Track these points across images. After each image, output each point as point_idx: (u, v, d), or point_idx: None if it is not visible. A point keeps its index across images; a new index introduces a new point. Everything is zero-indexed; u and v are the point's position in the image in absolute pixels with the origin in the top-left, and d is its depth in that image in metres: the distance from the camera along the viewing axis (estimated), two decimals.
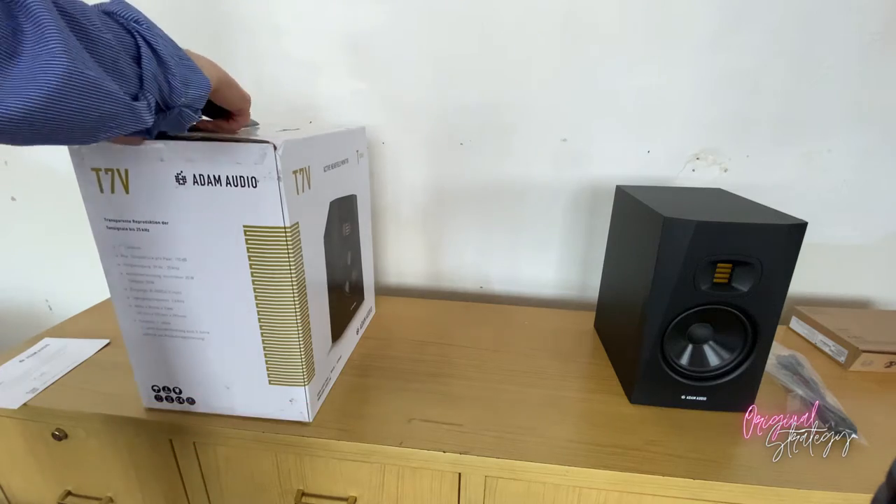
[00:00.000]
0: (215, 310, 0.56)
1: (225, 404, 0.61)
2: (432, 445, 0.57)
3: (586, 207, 0.93)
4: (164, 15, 0.88)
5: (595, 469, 0.54)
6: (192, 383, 0.61)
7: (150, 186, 0.51)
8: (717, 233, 0.55)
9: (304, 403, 0.60)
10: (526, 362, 0.75)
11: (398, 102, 0.89)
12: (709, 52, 0.79)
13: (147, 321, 0.57)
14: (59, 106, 0.29)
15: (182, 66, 0.40)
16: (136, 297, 0.56)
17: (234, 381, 0.60)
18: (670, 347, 0.62)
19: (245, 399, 0.61)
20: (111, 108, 0.33)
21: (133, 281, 0.55)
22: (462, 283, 1.03)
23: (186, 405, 0.62)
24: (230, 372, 0.59)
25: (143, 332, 0.58)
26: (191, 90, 0.40)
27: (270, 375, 0.59)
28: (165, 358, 0.59)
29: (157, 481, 0.67)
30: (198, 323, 0.57)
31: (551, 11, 0.80)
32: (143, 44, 0.36)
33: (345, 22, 0.85)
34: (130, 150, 0.50)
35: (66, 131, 0.31)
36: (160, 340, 0.58)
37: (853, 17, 0.75)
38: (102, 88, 0.32)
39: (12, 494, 0.74)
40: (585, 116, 0.86)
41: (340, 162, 0.67)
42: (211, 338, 0.58)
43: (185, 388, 0.61)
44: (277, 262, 0.53)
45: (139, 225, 0.53)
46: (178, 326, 0.57)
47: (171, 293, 0.56)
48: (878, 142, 0.82)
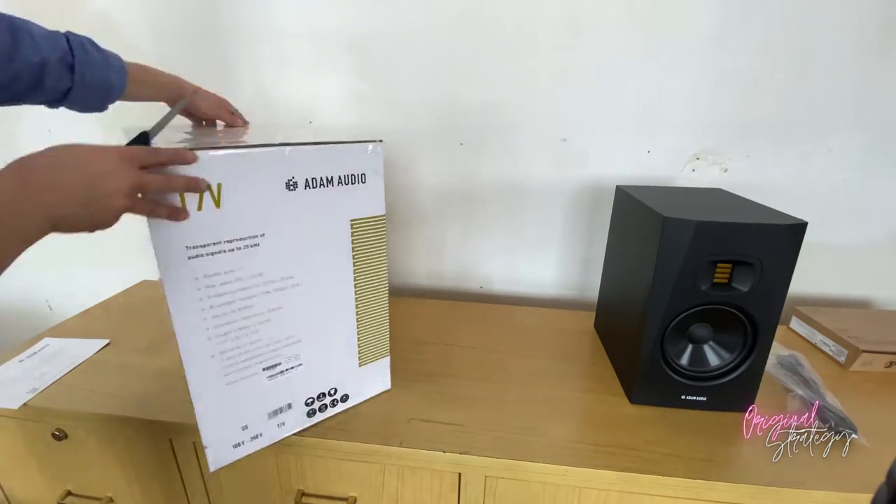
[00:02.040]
0: (316, 313, 0.56)
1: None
2: (432, 445, 0.57)
3: (586, 207, 0.93)
4: (164, 15, 0.88)
5: (595, 469, 0.54)
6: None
7: (250, 197, 0.47)
8: (717, 233, 0.55)
9: (389, 370, 0.66)
10: (526, 362, 0.75)
11: (398, 102, 0.89)
12: (709, 52, 0.79)
13: (233, 361, 0.51)
14: None
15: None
16: (220, 335, 0.49)
17: (328, 381, 0.61)
18: (670, 347, 0.62)
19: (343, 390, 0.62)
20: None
21: (217, 316, 0.48)
22: (462, 283, 1.03)
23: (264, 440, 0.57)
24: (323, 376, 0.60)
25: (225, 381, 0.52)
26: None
27: (361, 357, 0.62)
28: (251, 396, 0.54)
29: (156, 481, 0.67)
30: (294, 331, 0.55)
31: (552, 12, 0.80)
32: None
33: (345, 22, 0.85)
34: (222, 160, 0.44)
35: None
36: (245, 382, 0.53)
37: (853, 17, 0.75)
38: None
39: (12, 494, 0.74)
40: (585, 116, 0.86)
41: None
42: (304, 346, 0.56)
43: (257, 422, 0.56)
44: (377, 247, 0.58)
45: (232, 245, 0.47)
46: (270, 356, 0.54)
47: (270, 311, 0.52)
48: (878, 142, 0.82)
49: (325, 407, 0.61)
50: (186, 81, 0.66)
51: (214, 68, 0.90)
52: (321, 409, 0.61)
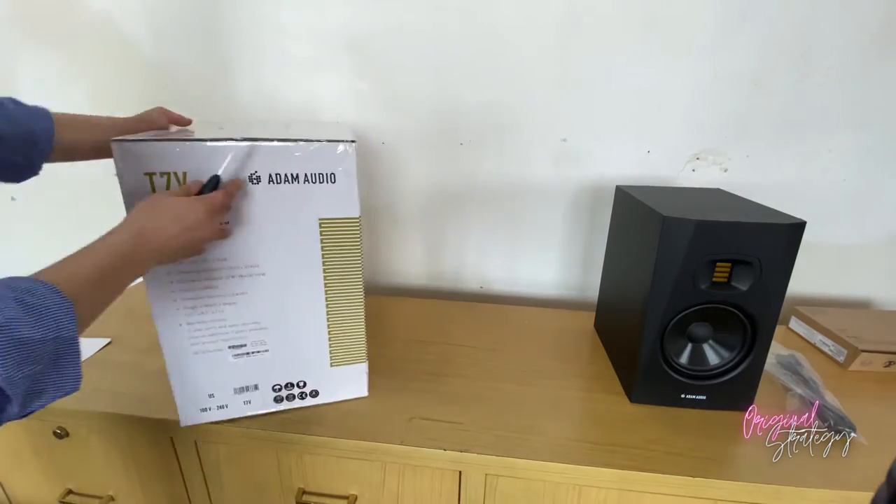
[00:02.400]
0: (283, 305, 0.58)
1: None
2: (433, 444, 0.57)
3: (586, 207, 0.93)
4: (164, 15, 0.88)
5: (595, 467, 0.54)
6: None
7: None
8: (716, 232, 0.55)
9: (366, 377, 0.65)
10: (526, 362, 0.75)
11: (398, 102, 0.89)
12: (709, 53, 0.79)
13: (199, 333, 0.56)
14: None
15: (44, 380, 0.38)
16: (188, 308, 0.54)
17: (296, 373, 0.62)
18: (670, 346, 0.62)
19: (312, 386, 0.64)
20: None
21: (186, 290, 0.54)
22: (462, 283, 1.03)
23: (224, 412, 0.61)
24: (292, 366, 0.61)
25: (193, 351, 0.57)
26: (40, 402, 0.38)
27: (333, 358, 0.62)
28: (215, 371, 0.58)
29: (158, 479, 0.67)
30: (260, 318, 0.58)
31: (552, 12, 0.80)
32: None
33: (345, 22, 0.85)
34: (190, 150, 0.49)
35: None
36: (211, 356, 0.57)
37: (853, 18, 0.75)
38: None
39: (13, 492, 0.74)
40: (585, 116, 0.86)
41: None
42: (271, 333, 0.59)
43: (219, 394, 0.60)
44: (350, 250, 0.58)
45: None
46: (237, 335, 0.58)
47: (236, 295, 0.55)
48: (878, 142, 0.82)
49: (292, 396, 0.63)
50: (121, 118, 0.59)
51: (214, 68, 0.90)
52: (289, 398, 0.63)
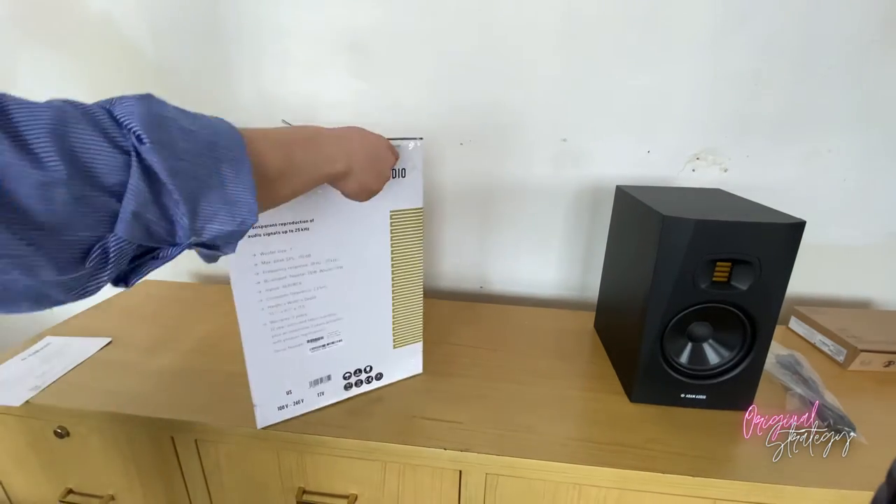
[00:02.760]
0: (356, 295, 0.61)
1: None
2: (433, 443, 0.57)
3: (586, 207, 0.93)
4: (164, 15, 0.88)
5: (595, 466, 0.54)
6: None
7: None
8: (716, 232, 0.55)
9: (421, 355, 0.70)
10: (526, 362, 0.75)
11: (398, 102, 0.89)
12: (709, 52, 0.79)
13: (282, 331, 0.57)
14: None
15: (210, 185, 0.29)
16: (272, 306, 0.55)
17: (364, 359, 0.65)
18: (670, 346, 0.62)
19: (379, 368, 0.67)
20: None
21: (271, 289, 0.54)
22: (462, 283, 1.03)
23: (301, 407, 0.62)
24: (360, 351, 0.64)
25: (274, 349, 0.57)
26: (211, 225, 0.29)
27: (396, 340, 0.67)
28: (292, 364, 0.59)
29: (158, 479, 0.67)
30: (336, 309, 0.60)
31: (552, 12, 0.80)
32: (135, 169, 0.25)
33: (345, 22, 0.85)
34: None
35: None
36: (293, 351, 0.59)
37: (853, 18, 0.75)
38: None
39: (14, 492, 0.74)
40: (585, 116, 0.86)
41: None
42: (344, 324, 0.61)
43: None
44: (414, 237, 0.63)
45: (286, 227, 0.53)
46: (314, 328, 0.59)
47: (317, 289, 0.57)
48: (878, 142, 0.82)
49: (360, 382, 0.66)
50: None
51: (214, 68, 0.90)
52: (357, 384, 0.66)
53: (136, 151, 0.25)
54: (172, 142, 0.27)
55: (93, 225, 0.24)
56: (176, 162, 0.26)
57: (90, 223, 0.24)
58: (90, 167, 0.23)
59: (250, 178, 0.31)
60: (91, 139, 0.24)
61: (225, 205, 0.30)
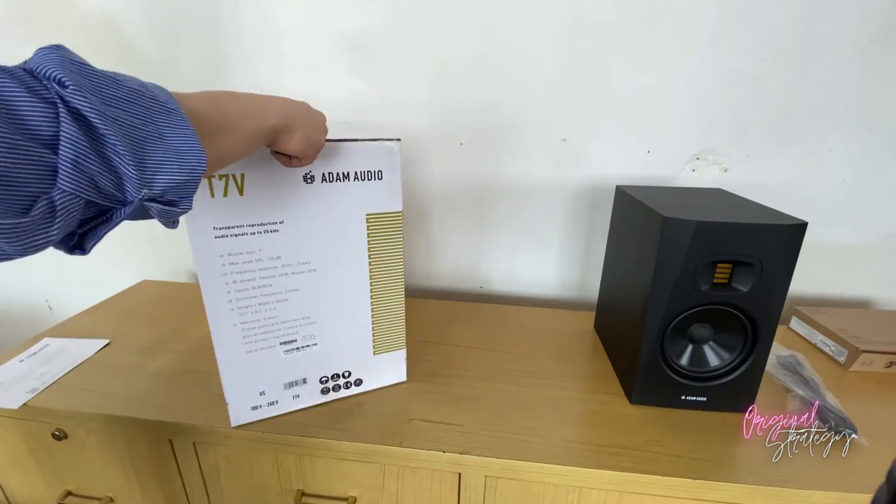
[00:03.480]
0: (331, 298, 0.60)
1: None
2: (432, 445, 0.57)
3: (586, 207, 0.93)
4: (163, 14, 0.88)
5: (595, 469, 0.54)
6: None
7: (270, 188, 0.52)
8: (716, 233, 0.55)
9: (405, 363, 0.68)
10: (526, 362, 0.75)
11: (398, 102, 0.89)
12: (709, 53, 0.79)
13: (252, 332, 0.56)
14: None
15: (148, 136, 0.28)
16: (241, 307, 0.54)
17: (342, 364, 0.64)
18: (670, 348, 0.62)
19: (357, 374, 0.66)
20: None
21: (241, 290, 0.54)
22: (462, 283, 1.03)
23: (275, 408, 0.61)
24: (338, 355, 0.63)
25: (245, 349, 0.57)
26: (161, 176, 0.28)
27: (376, 346, 0.65)
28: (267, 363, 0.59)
29: (156, 481, 0.67)
30: (310, 313, 0.59)
31: (551, 11, 0.80)
32: (65, 116, 0.24)
33: (345, 22, 0.85)
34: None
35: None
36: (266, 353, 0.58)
37: (853, 18, 0.75)
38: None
39: (12, 494, 0.74)
40: (585, 116, 0.86)
41: None
42: (319, 327, 0.60)
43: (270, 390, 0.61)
44: (393, 242, 0.61)
45: (254, 229, 0.52)
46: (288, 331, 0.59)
47: (288, 292, 0.56)
48: (878, 142, 0.82)
49: (338, 387, 0.65)
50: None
51: (214, 67, 0.90)
52: (335, 388, 0.65)
53: (61, 98, 0.24)
54: (97, 87, 0.26)
55: (34, 178, 0.24)
56: (105, 107, 0.26)
57: (31, 176, 0.23)
58: (17, 115, 0.23)
59: (188, 124, 0.30)
60: (13, 90, 0.23)
61: (170, 153, 0.29)
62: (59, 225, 0.25)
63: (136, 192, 0.27)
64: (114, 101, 0.26)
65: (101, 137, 0.25)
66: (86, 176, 0.25)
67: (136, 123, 0.27)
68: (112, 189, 0.27)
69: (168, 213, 0.31)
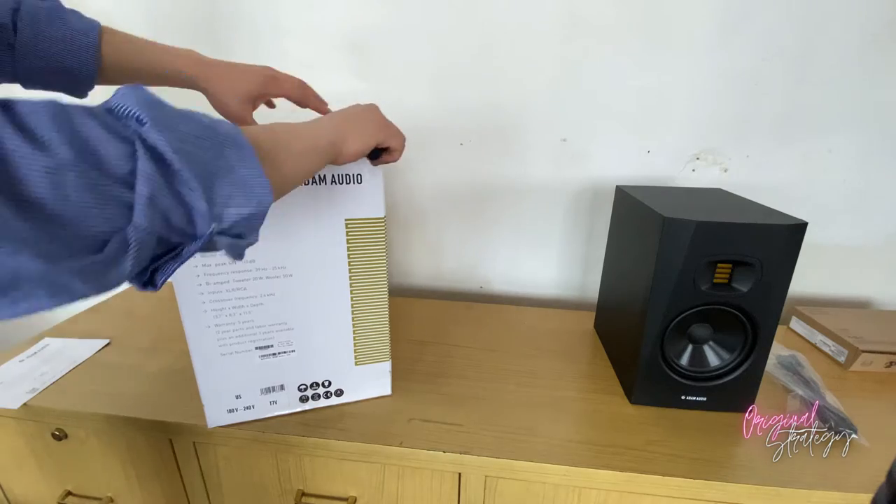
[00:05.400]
0: (309, 305, 0.58)
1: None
2: (432, 445, 0.57)
3: (586, 207, 0.93)
4: (163, 14, 0.88)
5: (595, 469, 0.54)
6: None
7: None
8: (717, 233, 0.55)
9: (389, 376, 0.66)
10: (526, 362, 0.75)
11: (398, 102, 0.89)
12: (709, 52, 0.79)
13: (227, 335, 0.56)
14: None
15: (218, 170, 0.28)
16: (216, 309, 0.54)
17: (321, 373, 0.62)
18: (670, 347, 0.62)
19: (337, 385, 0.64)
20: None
21: (214, 292, 0.53)
22: (462, 283, 1.03)
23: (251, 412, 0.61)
24: (319, 364, 0.62)
25: (220, 351, 0.56)
26: (230, 210, 0.29)
27: (357, 357, 0.63)
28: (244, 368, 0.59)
29: (157, 481, 0.67)
30: (287, 318, 0.58)
31: (552, 11, 0.80)
32: (141, 153, 0.24)
33: (345, 22, 0.85)
34: None
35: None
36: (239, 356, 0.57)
37: (853, 17, 0.75)
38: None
39: (12, 494, 0.74)
40: (585, 116, 0.86)
41: None
42: (297, 334, 0.59)
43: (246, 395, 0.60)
44: (375, 250, 0.58)
45: None
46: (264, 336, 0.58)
47: (264, 296, 0.55)
48: (878, 142, 0.82)
49: (317, 396, 0.63)
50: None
51: None
52: (314, 397, 0.63)
53: (139, 135, 0.25)
54: (173, 123, 0.26)
55: (110, 215, 0.23)
56: (180, 143, 0.26)
57: (107, 215, 0.23)
58: (96, 152, 0.23)
59: (255, 158, 0.30)
60: (93, 128, 0.23)
61: (238, 187, 0.29)
62: (132, 262, 0.25)
63: (206, 227, 0.28)
64: (188, 137, 0.27)
65: (175, 173, 0.26)
66: (159, 212, 0.25)
67: (208, 158, 0.28)
68: (182, 224, 0.27)
69: (236, 247, 0.31)
